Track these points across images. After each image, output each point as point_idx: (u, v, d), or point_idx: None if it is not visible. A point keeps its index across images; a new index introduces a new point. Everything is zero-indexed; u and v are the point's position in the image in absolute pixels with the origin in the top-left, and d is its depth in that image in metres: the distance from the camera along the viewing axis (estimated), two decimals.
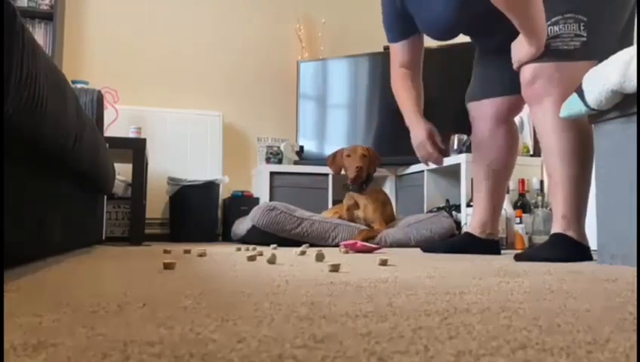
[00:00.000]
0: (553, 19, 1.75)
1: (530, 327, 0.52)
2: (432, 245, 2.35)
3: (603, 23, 1.75)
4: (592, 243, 1.67)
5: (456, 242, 2.26)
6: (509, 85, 2.03)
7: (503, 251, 2.33)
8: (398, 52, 2.23)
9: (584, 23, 1.73)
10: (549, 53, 1.75)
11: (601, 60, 1.68)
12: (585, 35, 1.73)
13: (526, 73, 1.80)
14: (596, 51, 1.74)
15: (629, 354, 0.41)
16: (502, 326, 0.52)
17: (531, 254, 1.74)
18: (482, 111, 2.16)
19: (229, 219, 3.78)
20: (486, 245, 2.16)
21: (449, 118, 3.07)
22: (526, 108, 2.17)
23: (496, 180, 2.16)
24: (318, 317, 0.56)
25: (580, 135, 1.73)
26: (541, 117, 1.78)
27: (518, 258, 1.74)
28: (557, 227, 1.75)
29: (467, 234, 2.23)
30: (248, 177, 4.32)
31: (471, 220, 2.27)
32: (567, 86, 1.71)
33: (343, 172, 3.27)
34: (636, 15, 1.84)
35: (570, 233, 1.72)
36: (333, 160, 3.31)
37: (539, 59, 1.77)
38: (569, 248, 1.71)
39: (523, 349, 0.42)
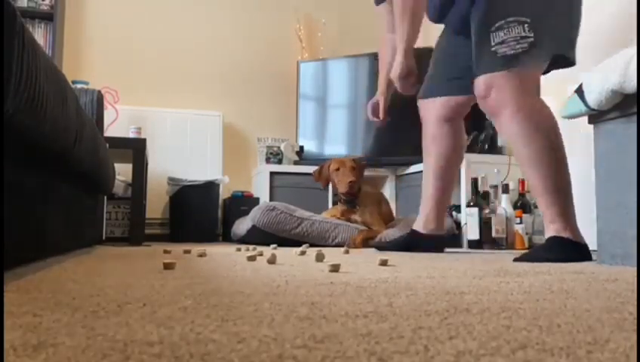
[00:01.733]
0: (497, 25, 1.74)
1: (530, 327, 0.52)
2: (383, 243, 2.40)
3: (550, 20, 1.72)
4: (592, 243, 1.67)
5: (402, 240, 2.27)
6: (456, 87, 2.08)
7: (503, 251, 2.33)
8: (385, 15, 2.32)
9: (528, 23, 1.70)
10: (497, 60, 1.74)
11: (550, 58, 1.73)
12: (531, 35, 1.70)
13: (479, 86, 1.79)
14: (548, 50, 1.73)
15: (629, 354, 0.41)
16: (502, 326, 0.52)
17: (531, 257, 1.73)
18: (429, 109, 2.20)
19: (229, 219, 3.78)
20: (429, 241, 2.19)
21: None
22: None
23: (441, 177, 2.19)
24: (318, 317, 0.56)
25: (548, 137, 1.72)
26: (504, 128, 1.78)
27: (517, 261, 1.72)
28: (550, 231, 1.74)
29: (412, 231, 2.26)
30: (248, 177, 4.32)
31: (418, 217, 2.30)
32: (522, 93, 1.71)
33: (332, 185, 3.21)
34: (636, 15, 1.84)
35: (565, 234, 1.72)
36: (320, 174, 3.21)
37: (490, 70, 1.75)
38: (567, 249, 1.70)
39: (523, 349, 0.42)
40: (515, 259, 1.73)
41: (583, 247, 1.73)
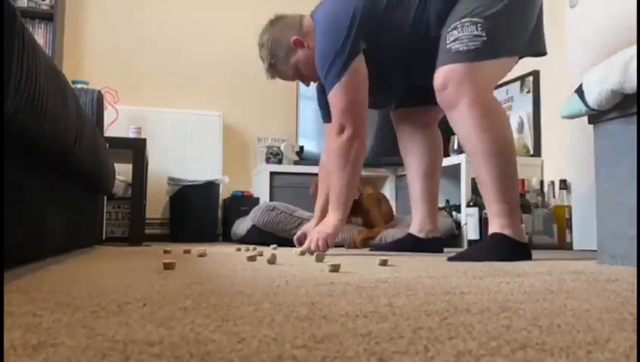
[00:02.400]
0: (452, 26, 1.79)
1: (530, 327, 0.52)
2: (381, 245, 2.43)
3: (502, 21, 1.77)
4: (592, 244, 1.67)
5: (400, 243, 2.31)
6: (425, 98, 2.09)
7: None
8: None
9: (480, 23, 1.75)
10: (451, 56, 1.78)
11: (509, 55, 1.80)
12: (484, 34, 1.75)
13: (438, 79, 1.81)
14: (502, 49, 1.78)
15: (629, 354, 0.41)
16: (502, 326, 0.52)
17: (468, 255, 1.73)
18: (402, 119, 2.29)
19: (229, 219, 3.78)
20: (427, 244, 2.22)
21: None
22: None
23: (426, 180, 2.24)
24: (318, 317, 0.56)
25: (500, 134, 1.75)
26: (459, 120, 1.78)
27: (452, 259, 1.69)
28: (493, 227, 1.75)
29: (409, 235, 2.29)
30: (248, 177, 4.32)
31: (412, 222, 2.33)
32: (479, 87, 1.74)
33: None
34: (636, 15, 1.84)
35: (507, 231, 1.71)
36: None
37: (447, 63, 1.78)
38: (507, 248, 1.70)
39: (523, 349, 0.42)
40: (450, 259, 1.70)
41: (523, 247, 1.75)
